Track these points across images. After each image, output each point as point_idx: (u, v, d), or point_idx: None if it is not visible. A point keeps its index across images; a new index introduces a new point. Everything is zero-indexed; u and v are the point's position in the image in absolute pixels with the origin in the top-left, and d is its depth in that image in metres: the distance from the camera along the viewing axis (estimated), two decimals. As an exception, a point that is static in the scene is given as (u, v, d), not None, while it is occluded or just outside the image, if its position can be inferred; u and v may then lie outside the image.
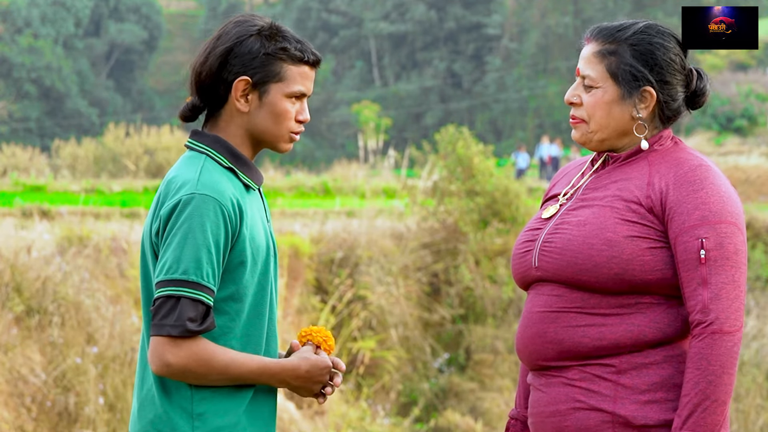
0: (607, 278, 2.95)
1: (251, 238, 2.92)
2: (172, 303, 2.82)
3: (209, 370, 2.84)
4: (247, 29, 2.97)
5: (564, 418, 3.00)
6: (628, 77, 3.03)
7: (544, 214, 3.13)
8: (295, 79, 2.98)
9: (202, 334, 2.86)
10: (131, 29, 61.00)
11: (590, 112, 3.07)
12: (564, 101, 3.15)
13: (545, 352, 3.03)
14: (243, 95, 2.96)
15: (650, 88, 3.03)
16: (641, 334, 2.96)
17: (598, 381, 2.98)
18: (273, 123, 2.99)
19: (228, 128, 2.99)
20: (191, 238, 2.82)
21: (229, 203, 2.87)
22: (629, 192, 3.00)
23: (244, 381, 2.89)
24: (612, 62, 3.05)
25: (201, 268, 2.82)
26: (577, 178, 3.17)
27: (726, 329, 2.88)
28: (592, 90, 3.07)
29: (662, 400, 2.95)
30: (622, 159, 3.08)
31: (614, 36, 3.06)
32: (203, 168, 2.91)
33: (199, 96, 2.98)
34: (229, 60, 2.94)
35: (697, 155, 3.05)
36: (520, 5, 59.48)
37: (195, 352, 2.83)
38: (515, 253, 3.15)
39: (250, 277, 2.92)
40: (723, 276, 2.91)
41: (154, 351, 2.84)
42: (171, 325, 2.81)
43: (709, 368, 2.87)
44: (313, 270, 16.33)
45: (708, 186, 2.96)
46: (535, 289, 3.09)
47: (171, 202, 2.86)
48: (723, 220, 2.93)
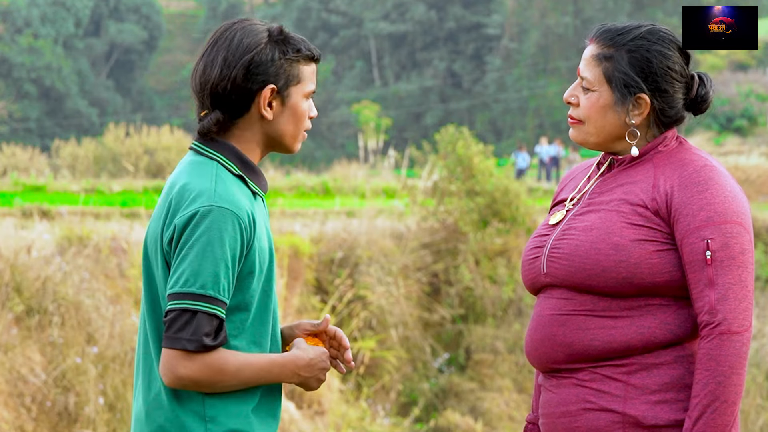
0: (616, 282, 2.95)
1: (260, 248, 2.93)
2: (188, 317, 2.81)
3: (222, 377, 2.85)
4: (259, 37, 2.97)
5: (574, 419, 3.01)
6: (621, 84, 3.03)
7: (551, 220, 3.14)
8: (310, 78, 3.02)
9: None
10: (131, 29, 61.00)
11: (586, 114, 3.09)
12: (563, 100, 3.16)
13: (555, 355, 3.04)
14: (268, 103, 2.97)
15: (644, 95, 3.03)
16: (651, 335, 2.96)
17: (608, 381, 2.98)
18: (293, 124, 3.00)
19: (243, 135, 2.99)
20: (210, 252, 2.81)
21: (245, 216, 2.87)
22: (635, 195, 3.00)
23: (256, 381, 2.89)
24: (608, 67, 3.04)
25: (218, 283, 2.81)
26: (584, 182, 3.17)
27: (734, 330, 2.88)
28: (589, 92, 3.08)
29: (672, 400, 2.95)
30: (627, 162, 3.08)
31: (614, 40, 3.05)
32: (218, 177, 2.91)
33: (218, 108, 2.96)
34: (251, 70, 2.94)
35: (702, 155, 3.04)
36: (520, 5, 59.47)
37: (208, 364, 2.83)
38: (524, 259, 3.16)
39: (257, 285, 2.92)
40: (729, 276, 2.91)
41: (167, 364, 2.83)
42: (187, 339, 2.81)
43: (718, 369, 2.87)
44: (313, 270, 16.33)
45: (713, 186, 2.95)
46: (544, 293, 3.10)
47: (187, 212, 2.85)
48: (728, 220, 2.93)
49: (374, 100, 54.43)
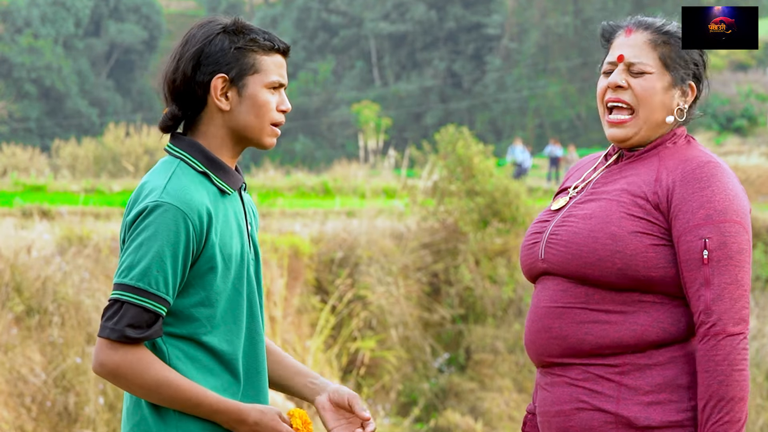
0: (611, 272, 2.95)
1: (222, 244, 2.90)
2: (117, 307, 2.82)
3: (140, 381, 2.83)
4: (213, 29, 2.96)
5: (568, 418, 3.01)
6: (680, 66, 3.07)
7: (553, 206, 3.15)
8: (271, 68, 2.96)
9: (146, 343, 2.85)
10: (131, 29, 61.01)
11: (642, 96, 3.07)
12: (606, 86, 3.10)
13: (550, 348, 3.04)
14: (222, 93, 2.94)
15: (692, 82, 3.08)
16: (644, 333, 2.96)
17: (601, 381, 2.98)
18: (255, 116, 2.96)
19: (208, 130, 2.97)
20: (146, 246, 2.82)
21: (194, 212, 2.86)
22: (637, 187, 3.01)
23: (179, 407, 2.85)
24: (665, 51, 3.07)
25: (149, 276, 2.81)
26: (589, 172, 3.18)
27: (729, 330, 2.89)
28: (644, 75, 3.07)
29: (665, 401, 2.95)
30: (636, 156, 3.09)
31: (662, 29, 3.09)
32: (173, 174, 2.90)
33: (176, 104, 2.96)
34: (201, 61, 2.93)
35: (707, 152, 3.05)
36: (520, 5, 59.47)
37: (129, 360, 2.82)
38: (524, 244, 3.16)
39: (222, 282, 2.90)
40: (726, 276, 2.91)
41: (95, 350, 2.86)
42: (111, 328, 2.81)
43: (717, 369, 2.88)
44: (313, 270, 16.33)
45: (715, 183, 2.95)
46: (541, 283, 3.10)
47: (137, 209, 2.87)
48: (728, 219, 2.93)
49: (374, 100, 54.41)
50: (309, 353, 15.09)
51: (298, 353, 14.89)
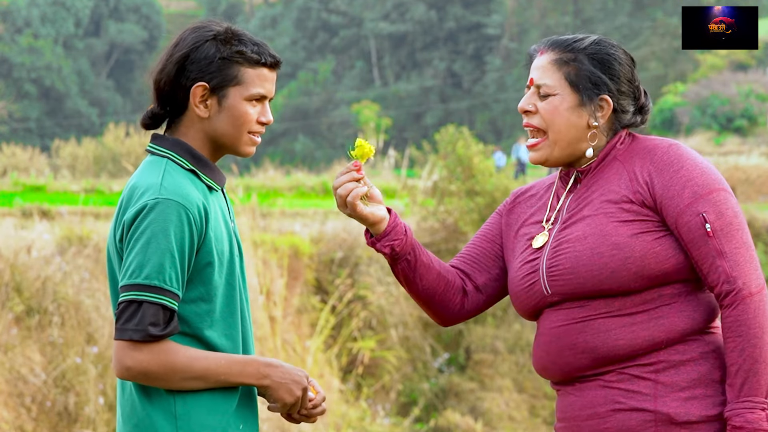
0: (628, 279, 2.97)
1: (216, 239, 2.92)
2: (135, 307, 2.82)
3: (172, 370, 2.84)
4: (203, 35, 2.97)
5: (603, 421, 3.01)
6: (588, 84, 3.06)
7: (534, 244, 3.13)
8: (254, 81, 2.96)
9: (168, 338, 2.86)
10: (131, 29, 61.03)
11: (548, 119, 3.09)
12: (517, 110, 3.16)
13: (579, 363, 3.03)
14: (202, 101, 2.95)
15: (607, 96, 3.07)
16: (673, 325, 2.99)
17: (636, 381, 2.99)
18: (232, 127, 2.97)
19: (188, 133, 2.98)
20: (154, 243, 2.82)
21: (194, 207, 2.87)
22: (615, 193, 3.03)
23: (214, 376, 2.87)
24: (571, 70, 3.06)
25: (163, 273, 2.82)
26: (553, 201, 3.17)
27: (753, 290, 2.93)
28: (549, 98, 3.08)
29: (702, 396, 2.98)
30: (593, 169, 3.10)
31: (571, 46, 3.09)
32: (165, 172, 2.91)
33: (159, 103, 2.98)
34: (186, 66, 2.95)
35: (661, 138, 3.10)
36: (520, 5, 59.48)
37: (156, 355, 2.82)
38: (517, 289, 3.14)
39: (218, 277, 2.92)
40: (734, 242, 2.96)
41: (116, 355, 2.85)
42: (133, 329, 2.81)
43: (750, 332, 2.91)
44: (313, 270, 16.34)
45: (687, 162, 3.01)
46: (549, 310, 3.09)
47: (135, 208, 2.86)
48: (713, 190, 2.98)
49: (374, 100, 54.42)
50: (309, 353, 15.08)
51: (298, 353, 14.89)
